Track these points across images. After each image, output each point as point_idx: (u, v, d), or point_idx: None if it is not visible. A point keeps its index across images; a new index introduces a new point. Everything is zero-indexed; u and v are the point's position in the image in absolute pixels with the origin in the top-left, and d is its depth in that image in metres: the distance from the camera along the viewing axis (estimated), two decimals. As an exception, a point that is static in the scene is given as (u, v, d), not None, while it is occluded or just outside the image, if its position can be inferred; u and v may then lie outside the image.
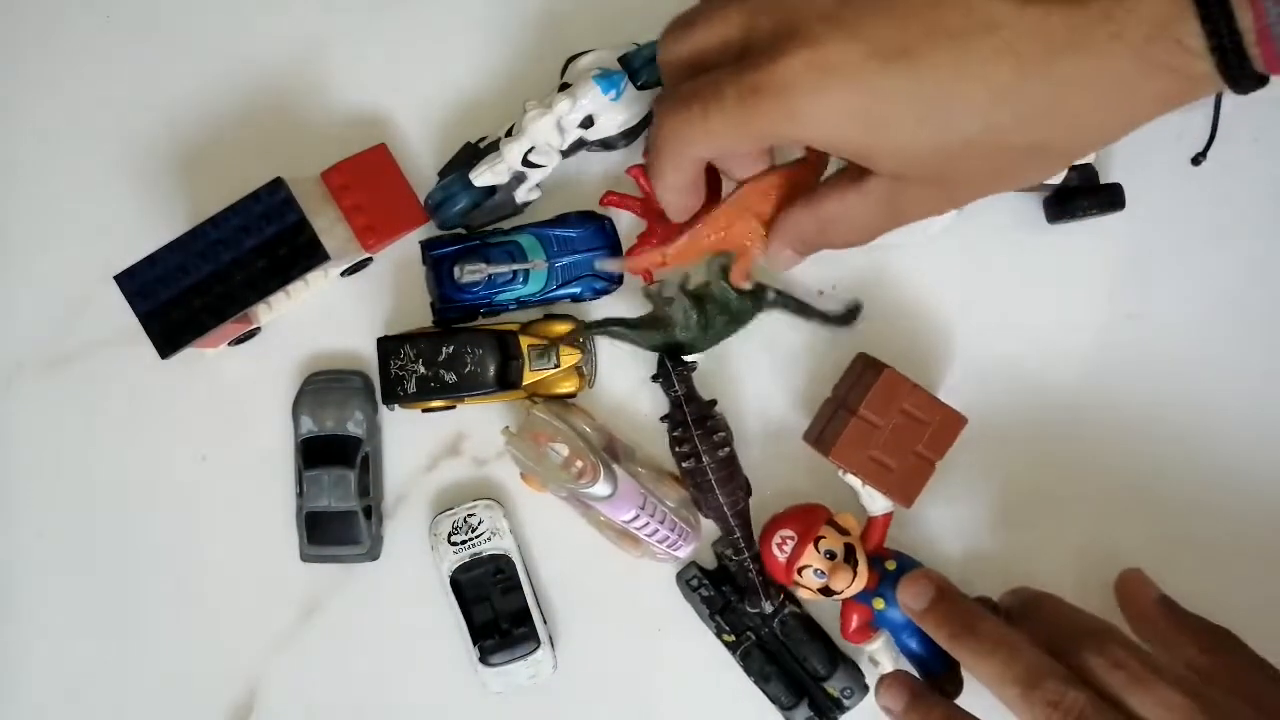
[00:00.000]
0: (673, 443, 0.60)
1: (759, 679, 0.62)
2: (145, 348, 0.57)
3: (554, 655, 0.64)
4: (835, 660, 0.61)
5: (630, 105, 0.59)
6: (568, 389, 0.62)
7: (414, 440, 0.65)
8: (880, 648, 0.59)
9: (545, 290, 0.61)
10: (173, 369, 0.59)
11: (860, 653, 0.61)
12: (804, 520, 0.59)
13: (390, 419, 0.65)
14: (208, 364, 0.64)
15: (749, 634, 0.62)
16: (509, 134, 0.59)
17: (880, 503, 0.59)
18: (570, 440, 0.58)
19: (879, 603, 0.58)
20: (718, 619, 0.62)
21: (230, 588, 0.65)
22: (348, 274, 0.64)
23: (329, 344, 0.65)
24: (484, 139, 0.61)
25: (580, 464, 0.57)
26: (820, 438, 0.60)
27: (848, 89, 0.41)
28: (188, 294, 0.56)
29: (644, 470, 0.61)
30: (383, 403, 0.63)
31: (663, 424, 0.60)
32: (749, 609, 0.61)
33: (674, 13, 0.48)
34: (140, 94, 0.65)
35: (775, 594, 0.61)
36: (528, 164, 0.59)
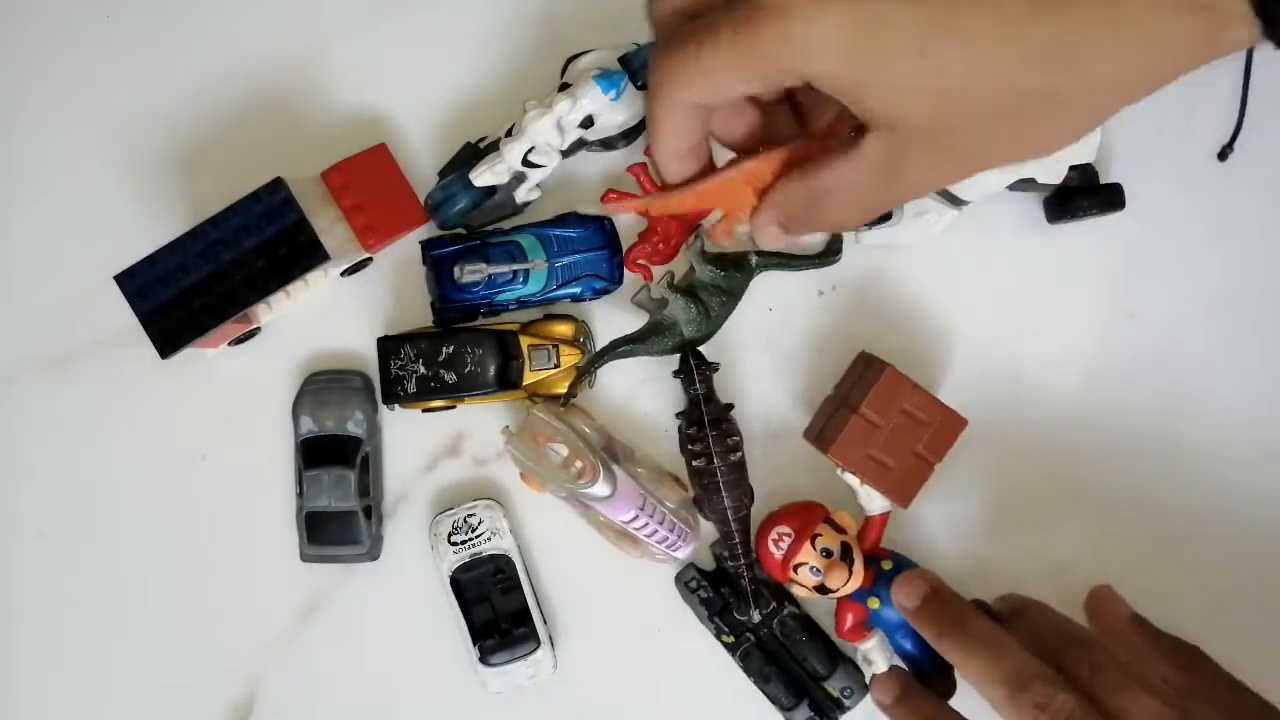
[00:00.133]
0: (685, 440, 0.60)
1: (759, 679, 0.62)
2: (145, 348, 0.57)
3: (554, 655, 0.63)
4: (835, 660, 0.61)
5: (630, 105, 0.59)
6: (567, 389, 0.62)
7: (414, 440, 0.65)
8: (874, 647, 0.59)
9: (545, 290, 0.61)
10: (173, 369, 0.59)
11: (857, 652, 0.61)
12: (801, 517, 0.59)
13: (390, 419, 0.65)
14: (208, 364, 0.64)
15: (748, 635, 0.62)
16: (509, 134, 0.59)
17: (878, 502, 0.59)
18: (570, 440, 0.58)
19: (874, 602, 0.58)
20: (717, 620, 0.62)
21: (230, 588, 0.65)
22: (348, 274, 0.64)
23: (329, 344, 0.65)
24: (484, 139, 0.61)
25: (580, 464, 0.57)
26: (820, 435, 0.60)
27: (845, 13, 0.38)
28: (188, 294, 0.56)
29: (643, 471, 0.61)
30: (383, 403, 0.63)
31: (664, 421, 0.60)
32: (737, 616, 0.61)
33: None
34: (141, 94, 0.65)
35: (766, 603, 0.61)
36: (528, 164, 0.59)
